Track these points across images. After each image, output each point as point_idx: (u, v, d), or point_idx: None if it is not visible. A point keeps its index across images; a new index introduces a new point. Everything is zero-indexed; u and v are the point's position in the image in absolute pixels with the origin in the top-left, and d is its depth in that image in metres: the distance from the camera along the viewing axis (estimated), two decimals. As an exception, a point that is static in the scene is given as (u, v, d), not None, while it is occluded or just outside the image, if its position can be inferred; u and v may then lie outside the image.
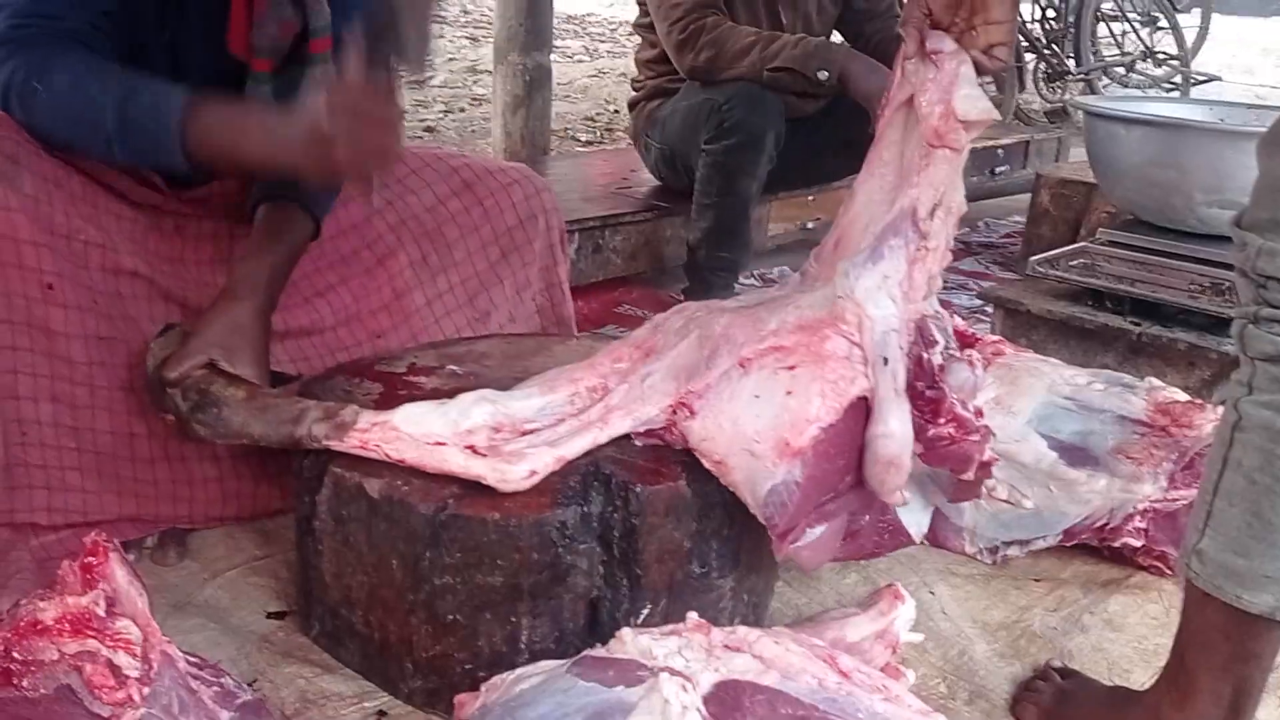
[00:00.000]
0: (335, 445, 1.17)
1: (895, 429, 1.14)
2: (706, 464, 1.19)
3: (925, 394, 1.17)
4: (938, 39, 1.18)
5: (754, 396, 1.15)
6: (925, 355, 1.16)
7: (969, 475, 1.20)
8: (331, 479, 1.18)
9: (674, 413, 1.19)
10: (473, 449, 1.13)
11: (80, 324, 1.29)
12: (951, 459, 1.18)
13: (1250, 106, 2.55)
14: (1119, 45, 6.46)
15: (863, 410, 1.16)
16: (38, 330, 1.26)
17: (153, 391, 1.28)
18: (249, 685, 1.12)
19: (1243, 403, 0.99)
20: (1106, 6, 6.26)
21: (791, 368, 1.16)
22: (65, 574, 1.02)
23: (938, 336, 1.18)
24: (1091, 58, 6.06)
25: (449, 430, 1.14)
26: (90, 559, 1.03)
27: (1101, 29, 6.35)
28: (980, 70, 1.18)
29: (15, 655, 0.98)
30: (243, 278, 1.33)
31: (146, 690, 0.98)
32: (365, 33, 1.20)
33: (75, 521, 1.32)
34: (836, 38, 2.90)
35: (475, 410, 1.18)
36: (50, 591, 1.02)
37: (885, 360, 1.16)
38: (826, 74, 2.47)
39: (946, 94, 1.17)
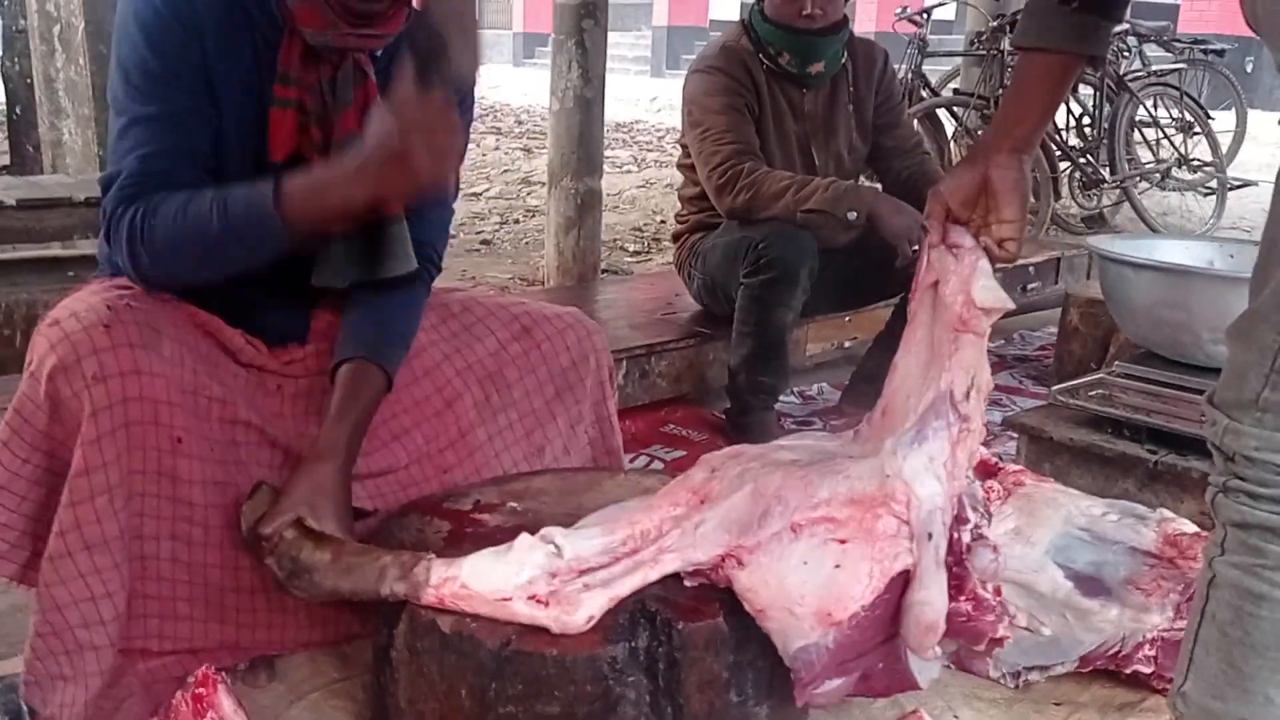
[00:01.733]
0: (415, 602, 1.31)
1: (936, 597, 1.25)
2: (747, 608, 1.30)
3: (952, 570, 1.28)
4: (958, 234, 1.34)
5: (802, 562, 1.26)
6: (956, 534, 1.28)
7: (981, 648, 1.30)
8: (408, 614, 1.33)
9: (723, 561, 1.30)
10: (535, 598, 1.27)
11: (202, 471, 1.45)
12: (967, 634, 1.29)
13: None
14: (1154, 151, 6.54)
15: (902, 582, 1.27)
16: (166, 478, 1.42)
17: (252, 547, 1.43)
18: (334, 802, 1.26)
19: (1216, 562, 1.10)
20: (1140, 113, 6.37)
21: (843, 541, 1.26)
22: (178, 704, 1.17)
23: (970, 515, 1.29)
24: (1126, 165, 6.15)
25: (510, 583, 1.28)
26: (200, 689, 1.18)
27: (1136, 135, 6.45)
28: (993, 260, 1.34)
29: (134, 776, 1.13)
30: (326, 440, 1.49)
31: (250, 809, 1.12)
32: (414, 53, 1.29)
33: (182, 648, 1.47)
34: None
35: (531, 558, 1.30)
36: (164, 718, 1.17)
37: (930, 535, 1.27)
38: (855, 214, 2.64)
39: (966, 285, 1.32)
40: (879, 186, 3.06)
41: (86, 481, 1.36)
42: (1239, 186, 6.45)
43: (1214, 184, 6.45)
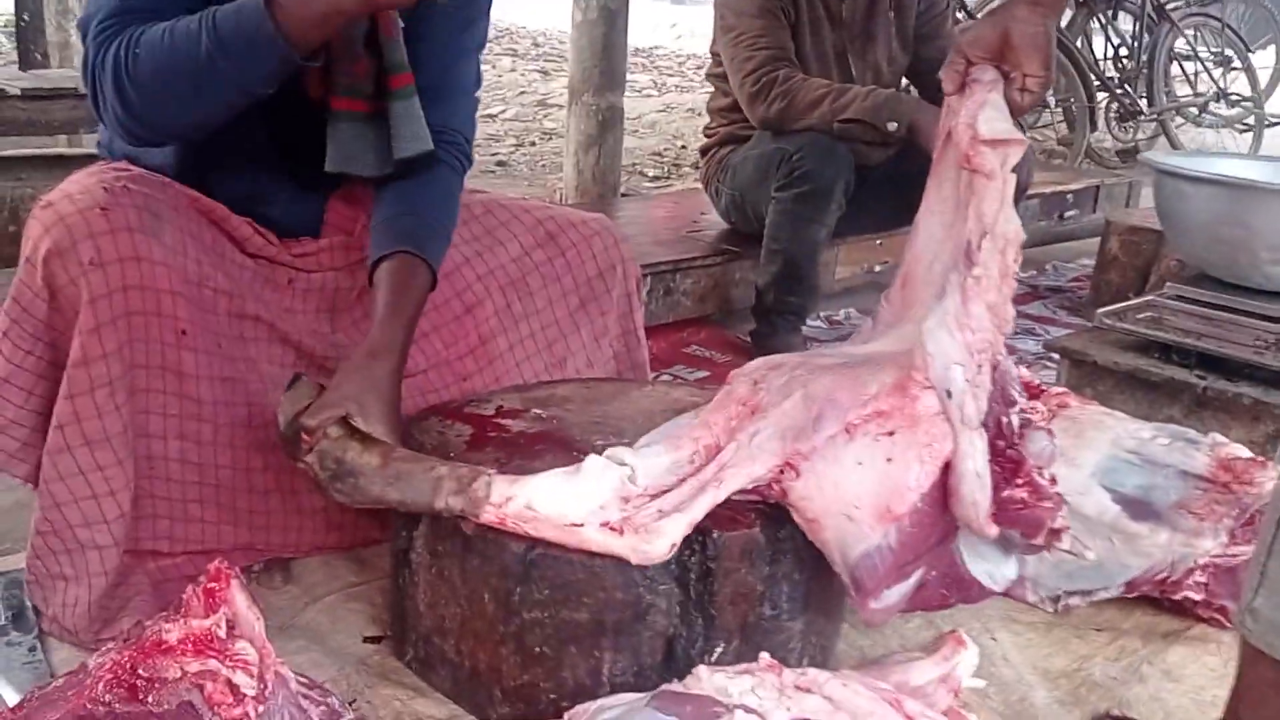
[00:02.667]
0: (473, 519, 1.22)
1: (969, 458, 1.17)
2: (797, 519, 1.23)
3: (1005, 453, 1.20)
4: (978, 70, 1.25)
5: (857, 463, 1.19)
6: (1005, 417, 1.20)
7: (1038, 540, 1.23)
8: (428, 515, 1.27)
9: (781, 472, 1.23)
10: (609, 526, 1.18)
11: (208, 366, 1.39)
12: (1023, 523, 1.21)
13: (1318, 161, 2.56)
14: (1192, 85, 6.40)
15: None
16: (170, 373, 1.36)
17: (287, 442, 1.32)
18: (349, 705, 1.21)
19: None
20: (1180, 45, 6.22)
21: (890, 433, 1.19)
22: (189, 598, 1.10)
23: (1016, 396, 1.21)
24: (1164, 98, 6.01)
25: (582, 508, 1.19)
26: (213, 584, 1.11)
27: (1175, 68, 6.31)
28: (1014, 109, 1.25)
29: (141, 673, 1.06)
30: (378, 338, 1.38)
31: (261, 708, 1.05)
32: None
33: (194, 549, 1.42)
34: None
35: (603, 482, 1.21)
36: (174, 613, 1.09)
37: (949, 394, 1.19)
38: (896, 125, 2.53)
39: (973, 116, 1.23)
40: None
41: (85, 373, 1.29)
42: (1277, 123, 6.30)
43: (1251, 120, 6.31)
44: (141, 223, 1.32)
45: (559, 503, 1.20)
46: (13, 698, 1.22)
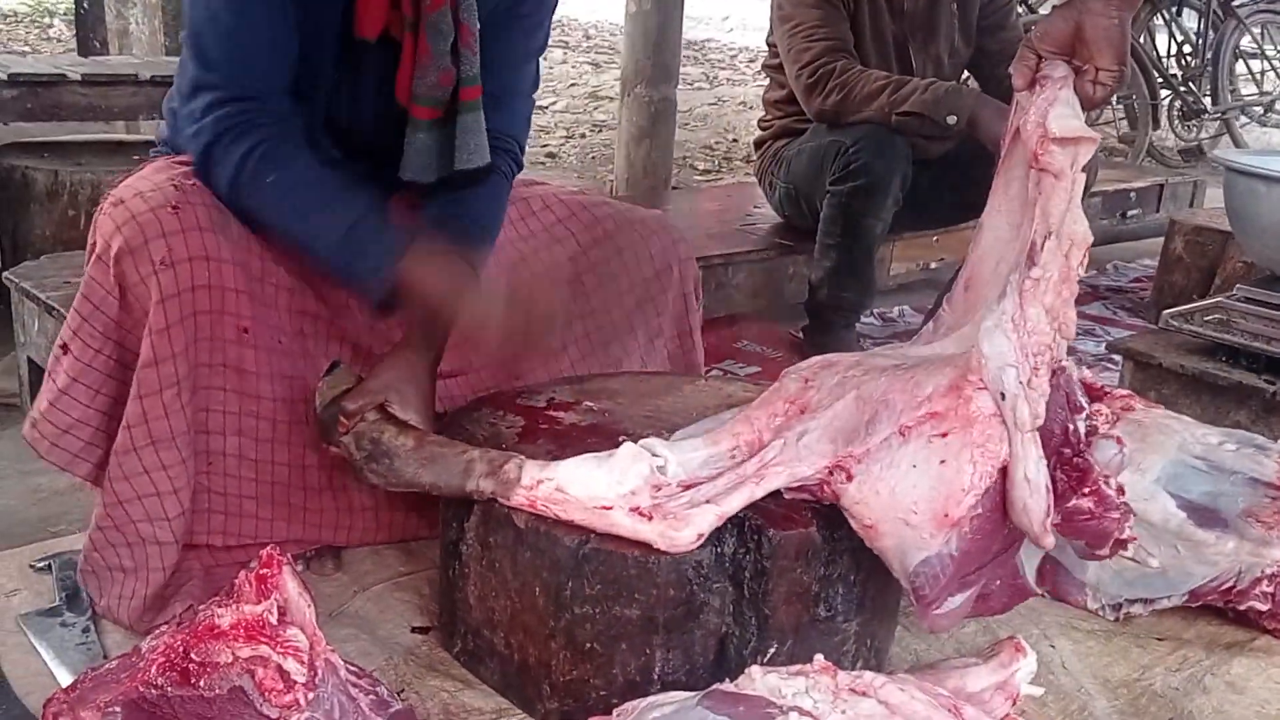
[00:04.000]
0: (504, 502, 1.22)
1: (1024, 464, 1.13)
2: (855, 525, 1.21)
3: (1072, 461, 1.17)
4: (1049, 66, 1.21)
5: (911, 466, 1.16)
6: (1071, 424, 1.17)
7: (1104, 552, 1.20)
8: (480, 507, 1.26)
9: (830, 474, 1.20)
10: (638, 511, 1.17)
11: (269, 363, 1.39)
12: (1089, 533, 1.19)
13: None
14: (1258, 84, 6.26)
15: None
16: (232, 370, 1.36)
17: (323, 425, 1.36)
18: (398, 695, 1.20)
19: None
20: (1245, 43, 6.07)
21: (944, 435, 1.16)
22: (241, 584, 1.10)
23: (1082, 402, 1.17)
24: (1229, 96, 5.88)
25: (612, 492, 1.18)
26: (265, 570, 1.11)
27: (1240, 67, 6.16)
28: (1085, 103, 1.21)
29: (193, 657, 1.06)
30: (419, 333, 1.42)
31: (311, 695, 1.05)
32: None
33: (247, 543, 1.43)
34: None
35: (635, 469, 1.21)
36: (226, 599, 1.09)
37: (1003, 395, 1.16)
38: (955, 119, 2.48)
39: (1043, 113, 1.19)
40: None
41: (155, 373, 1.29)
42: (1347, 123, 6.14)
43: (1319, 120, 6.15)
44: (211, 221, 1.32)
45: (589, 486, 1.19)
46: (66, 678, 1.23)
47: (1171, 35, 5.95)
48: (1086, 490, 1.17)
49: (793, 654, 1.23)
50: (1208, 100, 5.85)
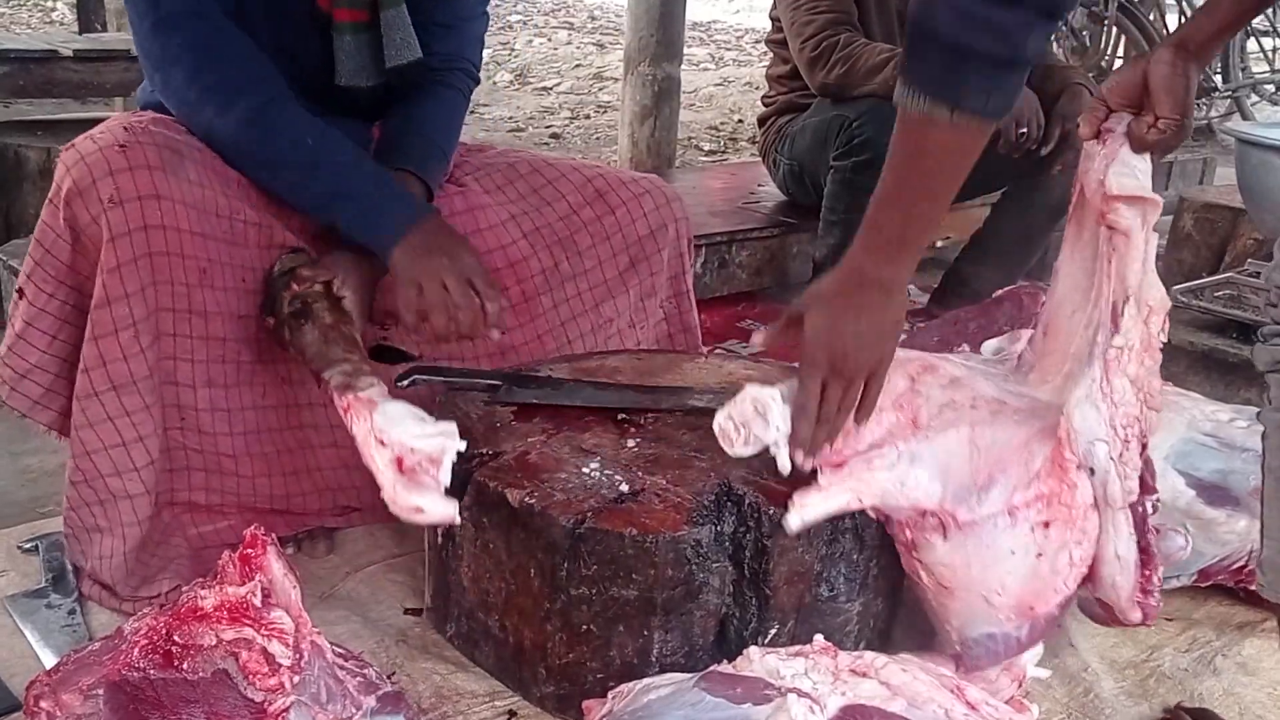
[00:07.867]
0: (335, 398, 1.25)
1: (1107, 531, 1.16)
2: (925, 578, 1.20)
3: (1140, 546, 1.18)
4: (1113, 120, 1.21)
5: (1010, 552, 1.16)
6: (1142, 506, 1.17)
7: (1116, 625, 1.25)
8: (474, 487, 1.23)
9: (922, 517, 1.18)
10: (399, 464, 1.14)
11: (228, 303, 1.37)
12: (1115, 620, 1.23)
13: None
14: (1269, 62, 6.18)
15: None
16: (196, 316, 1.34)
17: (270, 291, 1.38)
18: (388, 677, 1.18)
19: (1264, 414, 1.09)
20: (1257, 21, 6.00)
21: (1046, 525, 1.17)
22: (225, 564, 1.07)
23: (1155, 484, 1.18)
24: (1240, 74, 5.81)
25: (402, 439, 1.16)
26: (249, 551, 1.09)
27: (1251, 44, 6.09)
28: (1138, 146, 1.18)
29: (176, 639, 1.04)
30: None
31: (297, 678, 1.03)
32: None
33: (230, 502, 1.41)
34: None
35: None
36: (210, 580, 1.07)
37: (1091, 471, 1.17)
38: (961, 93, 2.44)
39: (1103, 170, 1.18)
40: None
41: (109, 314, 1.27)
42: (1359, 101, 6.08)
43: (1331, 98, 6.09)
44: (161, 160, 1.30)
45: (393, 427, 1.17)
46: (51, 660, 1.22)
47: (1182, 13, 5.87)
48: (1145, 572, 1.18)
49: (794, 635, 1.20)
50: (1218, 78, 5.78)
